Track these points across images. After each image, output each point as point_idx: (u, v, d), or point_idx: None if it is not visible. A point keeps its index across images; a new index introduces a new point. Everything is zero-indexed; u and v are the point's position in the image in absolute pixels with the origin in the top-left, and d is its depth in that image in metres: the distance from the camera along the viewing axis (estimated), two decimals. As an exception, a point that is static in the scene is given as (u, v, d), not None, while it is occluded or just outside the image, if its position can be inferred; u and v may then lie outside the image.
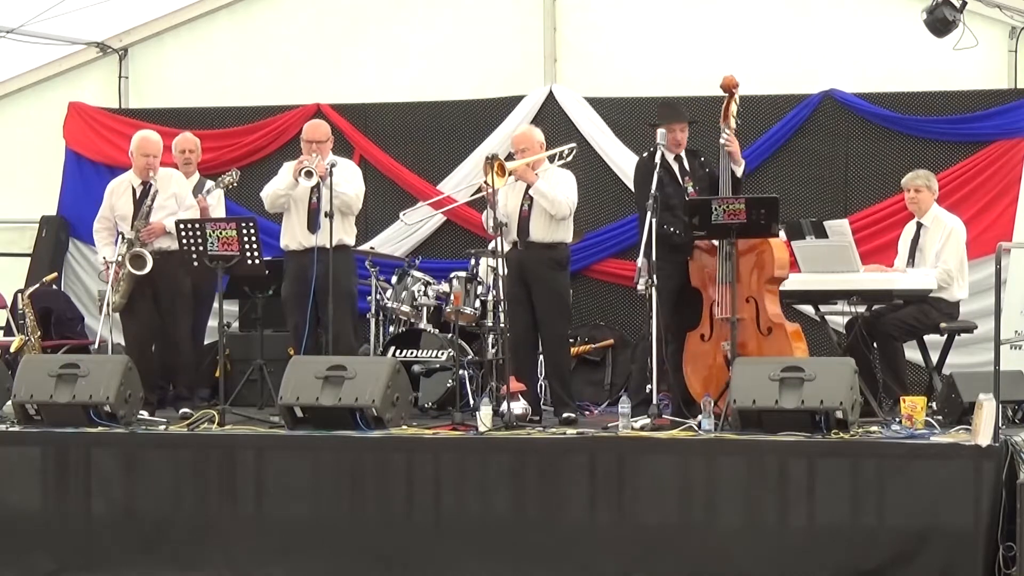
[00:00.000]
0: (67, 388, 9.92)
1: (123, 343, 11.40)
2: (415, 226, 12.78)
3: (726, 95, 10.46)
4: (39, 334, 12.11)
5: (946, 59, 11.37)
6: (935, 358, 10.80)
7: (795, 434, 9.01)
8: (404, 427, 9.75)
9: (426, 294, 11.61)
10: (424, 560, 9.24)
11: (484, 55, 13.10)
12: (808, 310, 11.21)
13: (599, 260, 12.73)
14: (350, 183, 10.89)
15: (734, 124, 10.46)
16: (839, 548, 8.73)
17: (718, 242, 10.16)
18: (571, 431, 9.64)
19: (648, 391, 10.10)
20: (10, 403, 10.10)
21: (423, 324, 11.52)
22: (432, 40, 13.22)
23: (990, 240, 11.11)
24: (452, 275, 11.43)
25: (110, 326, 11.02)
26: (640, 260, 9.95)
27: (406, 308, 11.57)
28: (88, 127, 13.73)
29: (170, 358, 11.18)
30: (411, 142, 13.17)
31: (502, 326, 10.42)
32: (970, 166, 12.03)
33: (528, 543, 9.13)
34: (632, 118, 12.55)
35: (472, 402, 10.71)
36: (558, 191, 10.58)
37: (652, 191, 10.07)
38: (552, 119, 12.59)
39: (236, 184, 11.75)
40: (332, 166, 10.66)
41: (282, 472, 9.49)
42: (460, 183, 12.79)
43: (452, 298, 11.28)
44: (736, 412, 9.21)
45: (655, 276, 9.95)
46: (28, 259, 13.64)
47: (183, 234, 10.36)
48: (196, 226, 10.38)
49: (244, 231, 10.27)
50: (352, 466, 9.42)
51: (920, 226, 10.77)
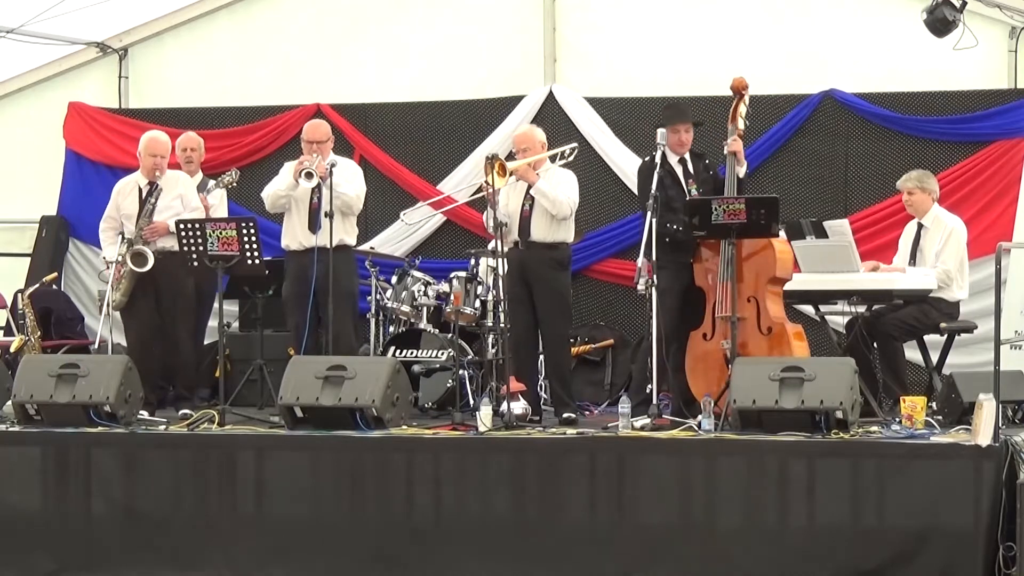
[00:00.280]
0: (67, 388, 9.91)
1: (124, 343, 11.42)
2: (415, 226, 12.77)
3: (735, 96, 10.42)
4: (39, 334, 12.11)
5: (946, 59, 11.35)
6: (935, 358, 10.79)
7: (795, 434, 9.00)
8: (404, 427, 9.74)
9: (426, 294, 11.61)
10: (424, 560, 9.23)
11: (484, 55, 13.10)
12: (808, 310, 11.20)
13: (599, 260, 12.72)
14: (351, 183, 10.89)
15: (742, 125, 10.44)
16: (839, 548, 8.72)
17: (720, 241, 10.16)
18: (571, 431, 9.63)
19: (648, 391, 10.10)
20: (10, 403, 10.10)
21: (423, 324, 11.52)
22: (432, 40, 13.21)
23: (990, 240, 11.10)
24: (452, 275, 11.43)
25: (110, 326, 11.02)
26: (640, 260, 9.95)
27: (406, 308, 11.57)
28: (88, 127, 13.72)
29: (170, 358, 11.18)
30: (411, 142, 13.16)
31: (502, 326, 10.42)
32: (970, 166, 12.02)
33: (528, 543, 9.12)
34: (632, 118, 12.56)
35: (472, 402, 10.70)
36: (559, 191, 10.57)
37: (652, 191, 10.07)
38: (552, 119, 12.58)
39: (235, 184, 11.76)
40: (332, 166, 10.66)
41: (282, 472, 9.48)
42: (460, 183, 12.79)
43: (452, 298, 11.28)
44: (736, 412, 9.20)
45: (657, 276, 9.96)
46: (28, 259, 13.62)
47: (183, 234, 10.35)
48: (196, 226, 10.37)
49: (244, 231, 10.26)
50: (352, 466, 9.41)
51: (921, 226, 10.77)
